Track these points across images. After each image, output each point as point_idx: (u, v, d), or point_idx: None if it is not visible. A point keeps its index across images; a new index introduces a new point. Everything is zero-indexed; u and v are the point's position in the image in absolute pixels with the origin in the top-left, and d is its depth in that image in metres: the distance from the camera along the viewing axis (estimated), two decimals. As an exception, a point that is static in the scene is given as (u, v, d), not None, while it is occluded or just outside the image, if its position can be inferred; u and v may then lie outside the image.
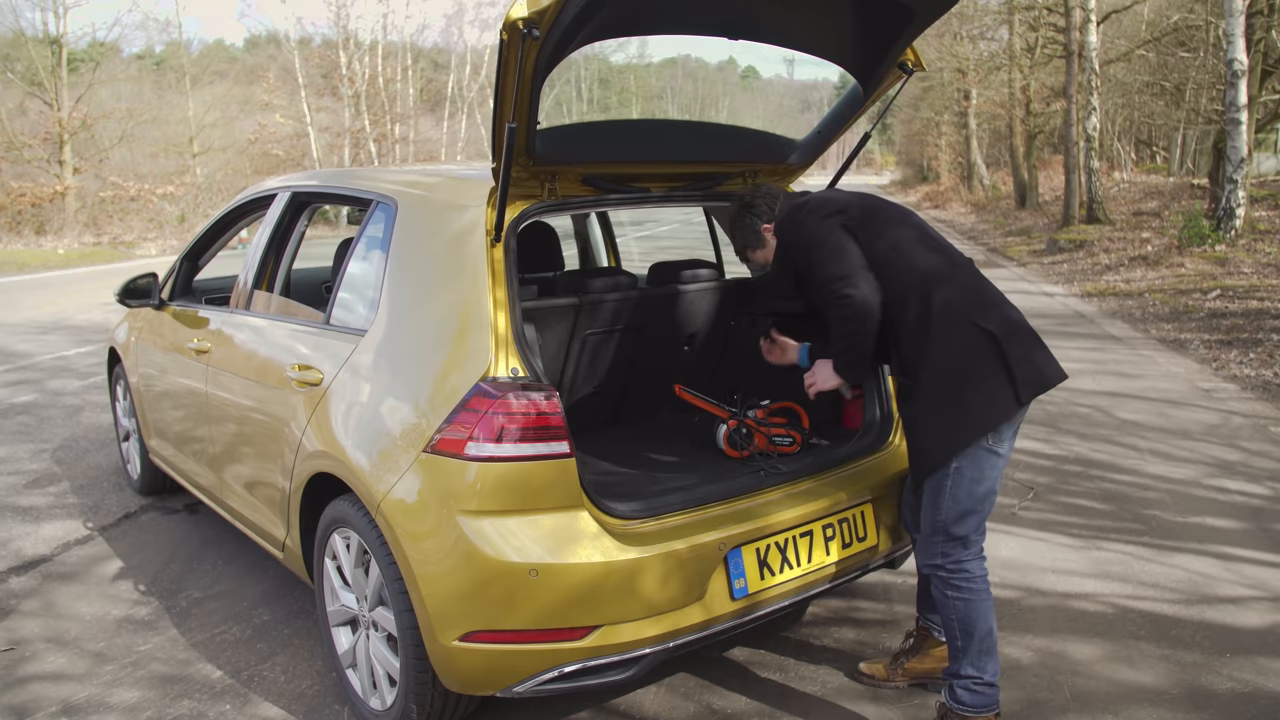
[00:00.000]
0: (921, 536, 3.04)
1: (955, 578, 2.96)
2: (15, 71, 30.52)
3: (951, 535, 2.95)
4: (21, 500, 5.56)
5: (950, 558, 2.97)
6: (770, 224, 3.22)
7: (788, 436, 3.52)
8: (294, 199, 4.13)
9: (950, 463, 2.88)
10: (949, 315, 2.86)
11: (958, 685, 3.00)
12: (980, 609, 2.96)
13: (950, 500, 2.92)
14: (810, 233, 3.00)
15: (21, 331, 11.70)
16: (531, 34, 2.50)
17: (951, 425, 2.86)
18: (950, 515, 2.93)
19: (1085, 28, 19.47)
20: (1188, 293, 11.52)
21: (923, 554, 3.03)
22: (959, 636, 2.98)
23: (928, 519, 2.99)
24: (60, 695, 3.48)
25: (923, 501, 3.03)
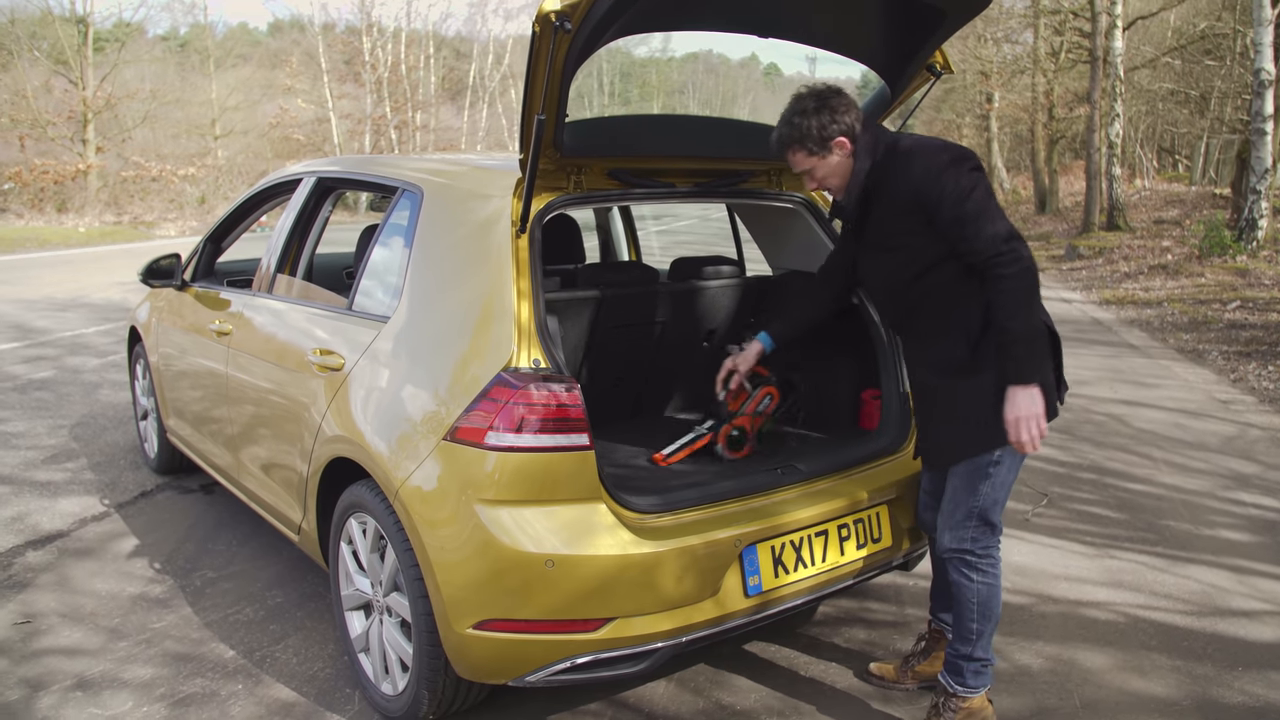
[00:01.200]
0: (953, 521, 3.00)
1: (983, 562, 2.99)
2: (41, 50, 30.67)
3: (986, 521, 2.97)
4: (39, 475, 5.60)
5: (980, 543, 2.98)
6: (845, 138, 2.90)
7: (764, 398, 3.52)
8: (319, 184, 4.15)
9: (996, 450, 2.89)
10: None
11: (968, 668, 3.04)
12: (998, 594, 3.02)
13: (989, 487, 2.93)
14: (971, 181, 2.77)
15: (41, 308, 11.78)
16: (564, 27, 2.51)
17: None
18: (988, 501, 2.95)
19: (1111, 33, 19.38)
20: (1207, 303, 11.47)
21: (952, 539, 3.00)
22: (976, 620, 3.00)
23: (961, 504, 2.97)
24: (74, 670, 3.51)
25: (952, 486, 3.00)
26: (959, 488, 2.98)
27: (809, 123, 2.88)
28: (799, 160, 2.96)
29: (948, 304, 2.90)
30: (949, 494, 3.02)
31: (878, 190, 2.92)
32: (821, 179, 2.98)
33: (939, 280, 2.89)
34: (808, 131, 2.88)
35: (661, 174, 3.42)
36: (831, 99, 2.89)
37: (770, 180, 3.73)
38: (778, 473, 3.21)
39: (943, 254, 2.85)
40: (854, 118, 2.90)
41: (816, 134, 2.88)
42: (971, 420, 2.90)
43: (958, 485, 2.98)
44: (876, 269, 3.06)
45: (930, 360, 2.98)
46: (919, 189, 2.81)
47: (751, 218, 4.25)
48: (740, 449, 3.49)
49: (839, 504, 3.17)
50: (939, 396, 2.99)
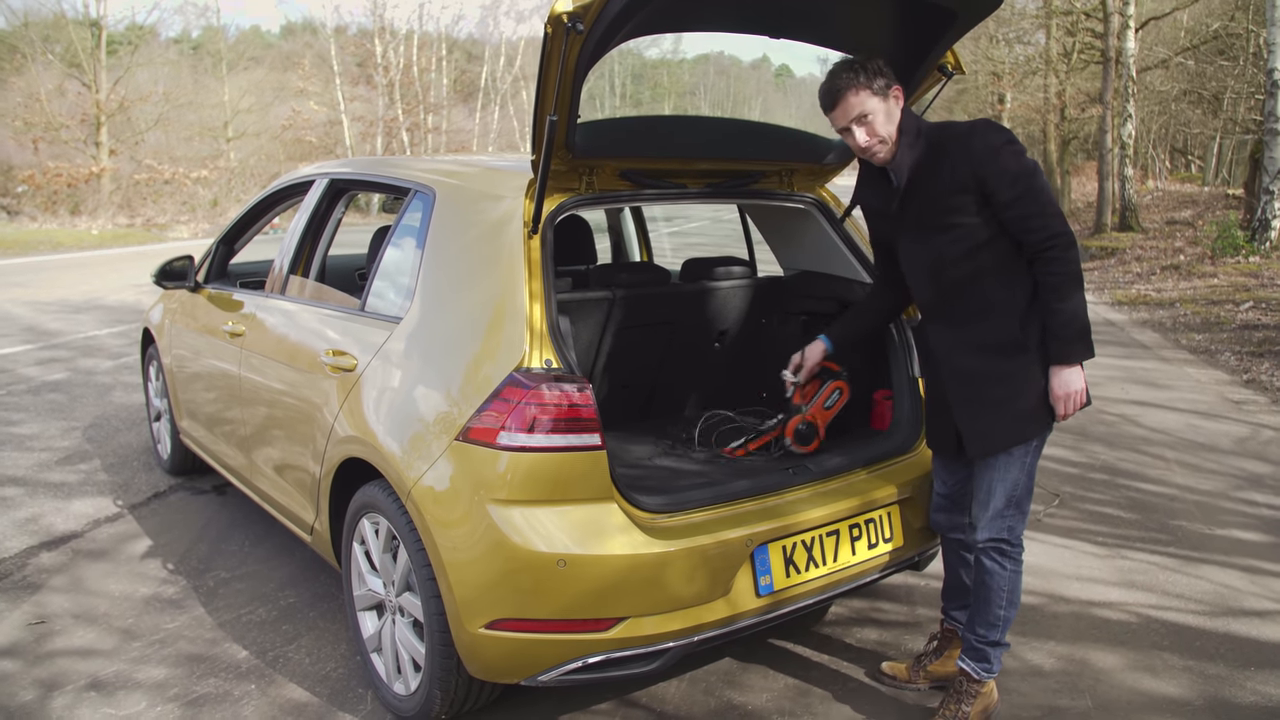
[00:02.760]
0: (992, 513, 2.99)
1: (1015, 550, 3.02)
2: (55, 53, 30.82)
3: (1021, 509, 3.00)
4: (52, 476, 5.63)
5: (1015, 531, 3.00)
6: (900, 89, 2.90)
7: (834, 392, 3.49)
8: (331, 186, 4.17)
9: (1035, 438, 2.93)
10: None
11: (994, 653, 3.08)
12: (1021, 579, 3.07)
13: (1025, 475, 2.96)
14: (1030, 164, 2.81)
15: (54, 310, 11.84)
16: (576, 28, 2.52)
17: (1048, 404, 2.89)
18: (1023, 489, 2.97)
19: (1123, 34, 19.32)
20: (1220, 303, 11.42)
21: (990, 530, 3.00)
22: (1004, 607, 3.03)
23: (1001, 494, 2.96)
24: (88, 670, 3.53)
25: (989, 478, 2.98)
26: (999, 479, 2.97)
27: (871, 64, 2.86)
28: (860, 100, 2.84)
29: (997, 284, 2.89)
30: (985, 486, 3.00)
31: (927, 169, 2.89)
32: (876, 128, 2.87)
33: (989, 260, 2.88)
34: (872, 71, 2.85)
35: (673, 175, 3.43)
36: (878, 61, 2.89)
37: (781, 181, 3.73)
38: (789, 472, 3.21)
39: (994, 232, 2.85)
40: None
41: (882, 76, 2.86)
42: (1015, 407, 2.90)
43: (996, 476, 2.97)
44: (922, 250, 3.00)
45: (974, 341, 2.93)
46: (979, 166, 2.79)
47: (763, 218, 4.25)
48: (809, 443, 3.46)
49: (851, 504, 3.17)
50: (982, 380, 2.94)
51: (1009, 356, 2.89)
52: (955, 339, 2.98)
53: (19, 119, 29.53)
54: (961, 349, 2.97)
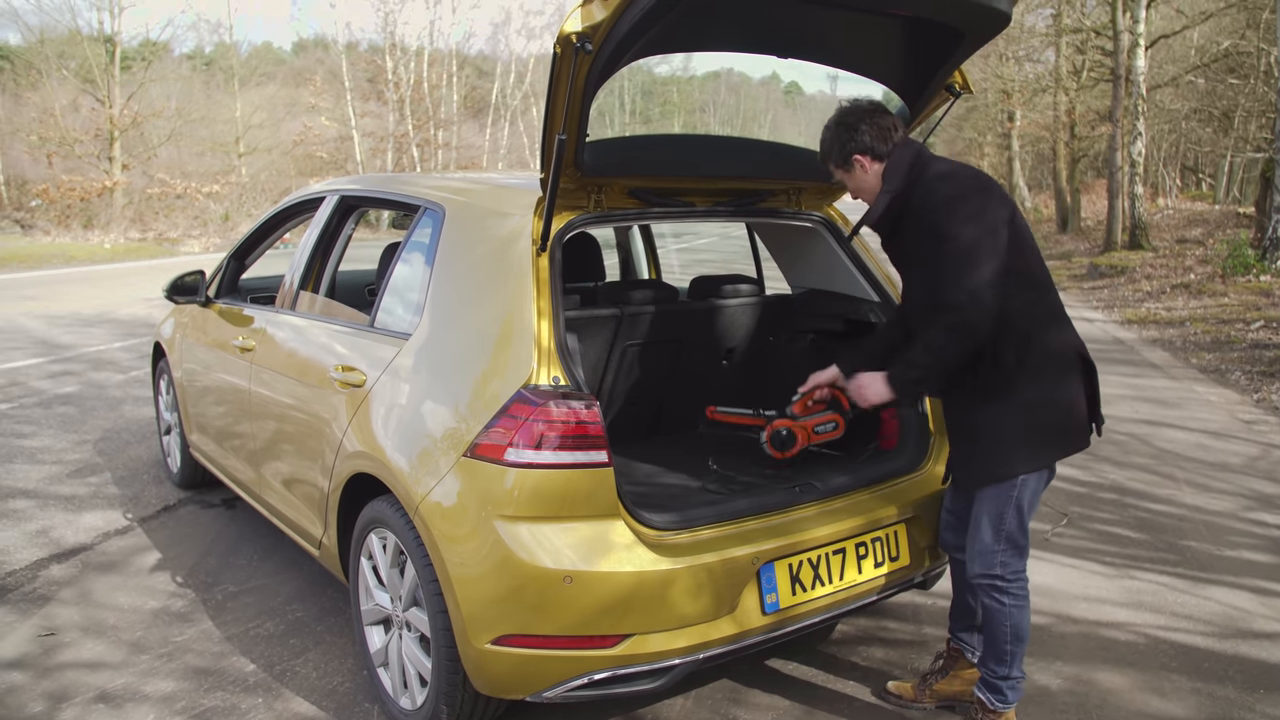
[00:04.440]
0: (981, 548, 3.01)
1: (1014, 586, 3.01)
2: (70, 69, 31.05)
3: (1014, 544, 2.99)
4: (63, 489, 5.66)
5: (1009, 567, 3.00)
6: (867, 156, 2.99)
7: (830, 422, 3.46)
8: (342, 202, 4.20)
9: (1019, 475, 2.92)
10: (1059, 338, 2.94)
11: (1005, 685, 3.07)
12: (1028, 613, 3.06)
13: (1015, 511, 2.96)
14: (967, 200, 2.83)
15: (66, 323, 11.91)
16: (584, 48, 2.54)
17: (1040, 441, 2.93)
18: (1014, 525, 2.97)
19: (1133, 52, 19.34)
20: (1230, 323, 11.39)
21: (980, 565, 3.01)
22: (1010, 642, 3.03)
23: (989, 529, 2.99)
24: (96, 683, 3.54)
25: (977, 510, 3.02)
26: (985, 512, 3.00)
27: (829, 137, 3.04)
28: (835, 174, 3.11)
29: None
30: (975, 518, 3.04)
31: (910, 207, 2.96)
32: (854, 191, 3.14)
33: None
34: (829, 147, 3.06)
35: (681, 193, 3.45)
36: (850, 117, 2.99)
37: (789, 199, 3.74)
38: (796, 490, 3.21)
39: None
40: (875, 137, 2.97)
41: (837, 151, 3.02)
42: (995, 442, 2.93)
43: (984, 509, 3.00)
44: (911, 285, 3.11)
45: (959, 383, 2.98)
46: (933, 214, 2.86)
47: (771, 236, 4.26)
48: (782, 450, 3.45)
49: (857, 522, 3.17)
50: (957, 418, 3.06)
51: (981, 399, 2.95)
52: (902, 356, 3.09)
53: (34, 134, 29.80)
54: (950, 384, 3.04)
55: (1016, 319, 2.86)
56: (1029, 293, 2.90)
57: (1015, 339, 2.87)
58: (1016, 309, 2.86)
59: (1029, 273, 2.92)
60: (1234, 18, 23.27)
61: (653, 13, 2.55)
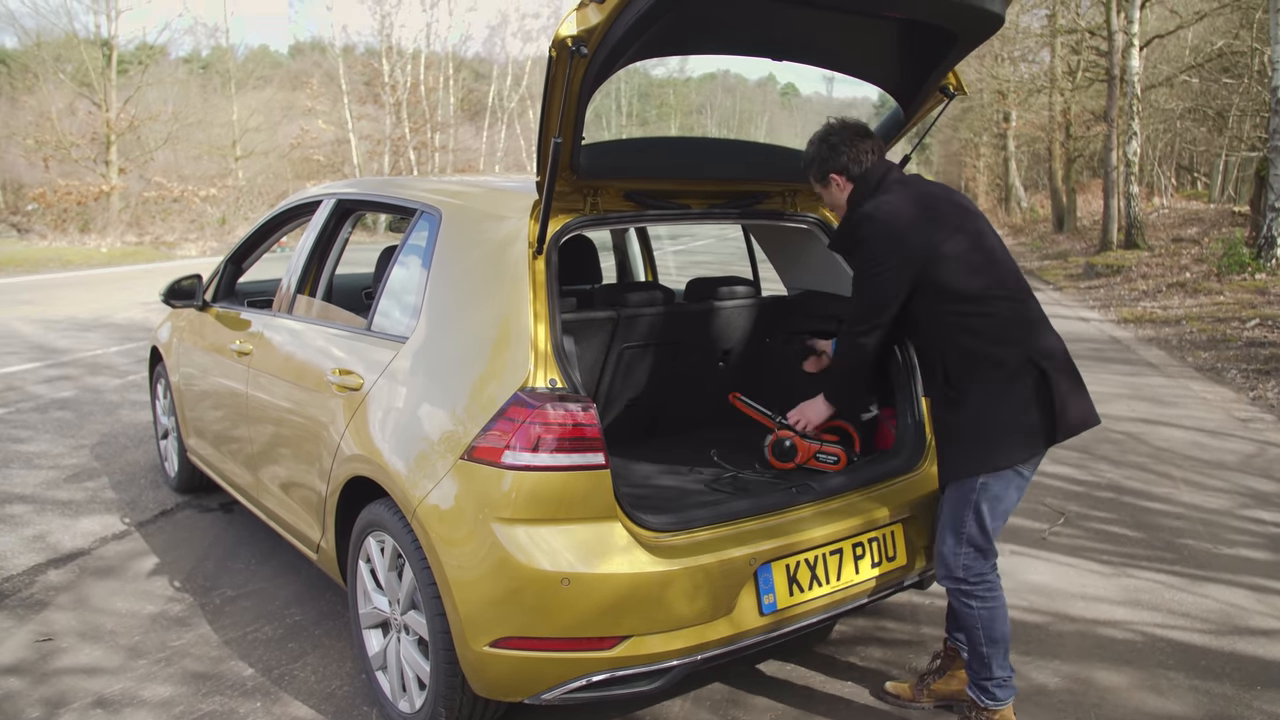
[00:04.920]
0: (944, 550, 3.08)
1: (978, 588, 3.05)
2: (66, 72, 31.02)
3: (976, 547, 3.03)
4: (60, 494, 5.65)
5: (972, 570, 3.05)
6: (842, 176, 3.16)
7: (833, 455, 3.50)
8: (339, 206, 4.20)
9: (979, 477, 2.99)
10: (1005, 340, 2.97)
11: (992, 685, 3.09)
12: (1001, 614, 3.08)
13: (974, 514, 3.01)
14: (874, 252, 3.03)
15: (63, 328, 11.90)
16: (580, 51, 2.55)
17: (989, 446, 2.97)
18: (974, 528, 3.02)
19: (1128, 52, 19.35)
20: (1226, 321, 11.41)
21: (944, 569, 3.09)
22: (985, 644, 3.06)
23: (950, 532, 3.06)
24: (94, 688, 3.54)
25: (940, 516, 3.12)
26: (947, 515, 3.09)
27: (812, 152, 3.20)
28: (814, 186, 3.27)
29: (921, 343, 3.18)
30: (940, 519, 3.13)
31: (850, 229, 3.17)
32: (830, 206, 3.30)
33: (906, 321, 3.08)
34: (810, 161, 3.22)
35: (677, 195, 3.45)
36: (834, 136, 3.15)
37: (785, 201, 3.75)
38: (792, 491, 3.22)
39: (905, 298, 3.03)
40: (851, 159, 3.12)
41: (817, 166, 3.19)
42: (952, 444, 3.06)
43: (945, 512, 3.09)
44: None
45: (929, 392, 3.20)
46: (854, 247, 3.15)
47: (767, 238, 4.27)
48: (781, 460, 3.50)
49: (854, 522, 3.18)
50: (936, 429, 3.20)
51: (941, 408, 3.11)
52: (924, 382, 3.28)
53: (30, 137, 29.76)
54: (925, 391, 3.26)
55: (962, 335, 2.98)
56: (966, 305, 2.98)
57: (962, 354, 2.99)
58: (955, 324, 2.99)
59: (967, 287, 2.99)
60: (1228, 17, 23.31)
61: (648, 16, 2.56)
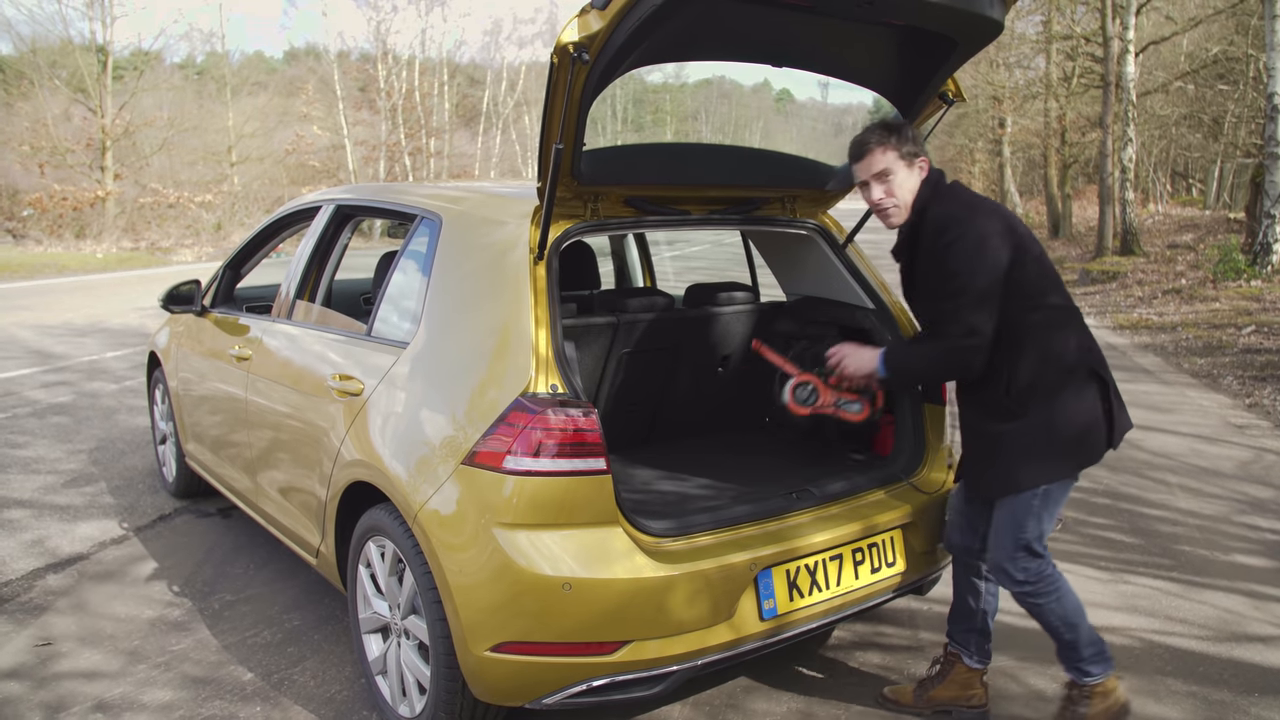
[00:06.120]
0: (1002, 555, 3.06)
1: (1042, 586, 3.05)
2: (61, 78, 30.99)
3: (1032, 552, 3.03)
4: (58, 499, 5.65)
5: (1030, 572, 3.04)
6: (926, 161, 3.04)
7: (857, 403, 3.30)
8: (338, 212, 4.21)
9: (1040, 486, 2.97)
10: (1071, 355, 2.97)
11: (1084, 664, 3.10)
12: (1070, 600, 3.08)
13: (1035, 521, 3.00)
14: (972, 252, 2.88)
15: (59, 333, 11.88)
16: (581, 58, 2.56)
17: (1056, 455, 2.97)
18: (1034, 534, 3.01)
19: (1123, 58, 19.42)
20: (1222, 327, 11.43)
21: (1005, 575, 3.07)
22: (1066, 631, 3.08)
23: (1007, 538, 3.04)
24: (93, 693, 3.54)
25: (998, 519, 3.08)
26: (1006, 521, 3.05)
27: (905, 130, 3.03)
28: (887, 158, 2.99)
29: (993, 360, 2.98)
30: (995, 526, 3.09)
31: (918, 236, 3.03)
32: (894, 189, 3.01)
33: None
34: (904, 136, 3.02)
35: (677, 201, 3.46)
36: (909, 129, 3.06)
37: (784, 207, 3.76)
38: (792, 496, 3.23)
39: None
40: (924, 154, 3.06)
41: (912, 143, 3.02)
42: (1014, 458, 2.99)
43: (1004, 518, 3.06)
44: (925, 311, 3.18)
45: (970, 397, 3.09)
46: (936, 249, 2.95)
47: (765, 244, 4.29)
48: (801, 405, 3.30)
49: (853, 528, 3.18)
50: (973, 433, 3.10)
51: (996, 419, 3.02)
52: (962, 393, 3.14)
53: (25, 143, 29.70)
54: (963, 399, 3.13)
55: (1028, 342, 2.93)
56: (1040, 314, 2.95)
57: (1028, 362, 2.94)
58: (1028, 332, 2.93)
59: (1041, 295, 2.97)
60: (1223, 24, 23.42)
61: (649, 23, 2.57)
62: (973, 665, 3.35)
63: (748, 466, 3.78)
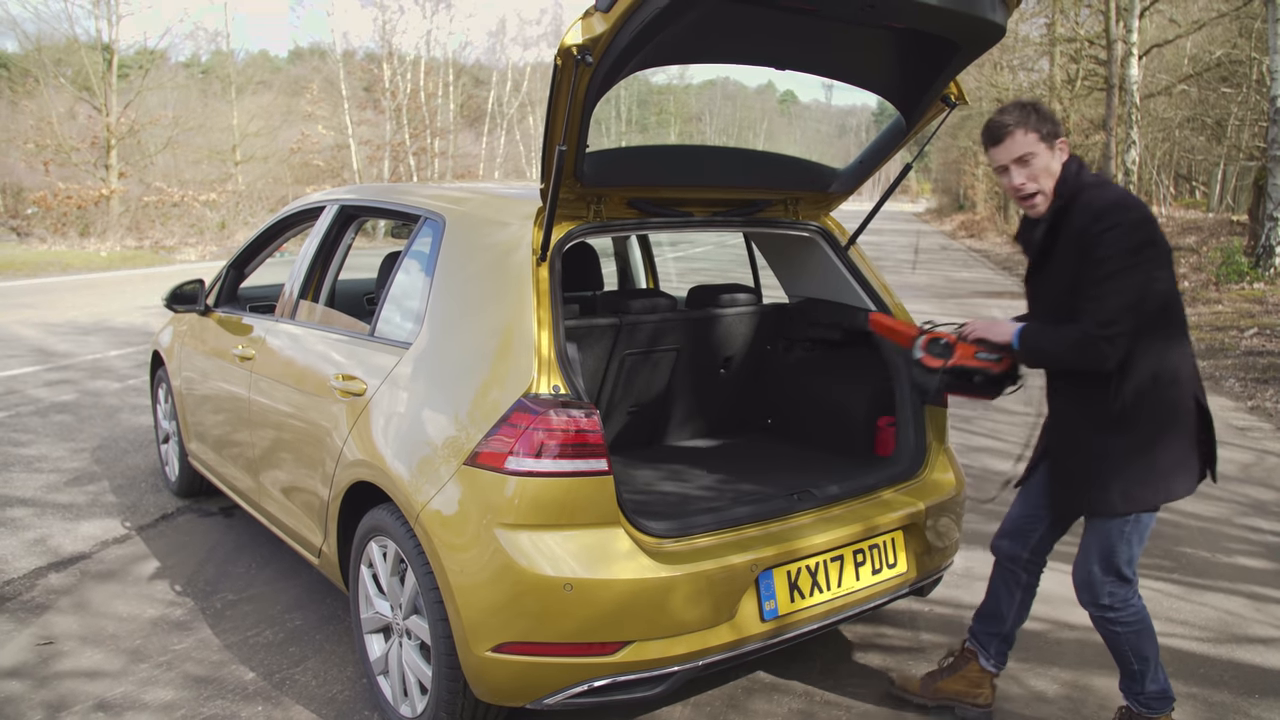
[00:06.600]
0: (1089, 578, 3.03)
1: (1124, 614, 3.02)
2: (66, 77, 31.03)
3: (1122, 577, 2.99)
4: (60, 498, 5.66)
5: (1117, 597, 3.01)
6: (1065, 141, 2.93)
7: (995, 354, 3.15)
8: (342, 212, 4.21)
9: (1133, 513, 2.92)
10: (1183, 378, 2.89)
11: (1144, 699, 3.10)
12: (1147, 635, 3.05)
13: (1126, 545, 2.95)
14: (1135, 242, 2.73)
15: (62, 331, 11.89)
16: (585, 60, 2.57)
17: (1154, 480, 2.89)
18: (1124, 558, 2.97)
19: (1127, 61, 19.42)
20: (1224, 330, 11.43)
21: (1088, 595, 3.05)
22: (1135, 663, 3.06)
23: (1098, 561, 3.00)
24: (95, 692, 3.55)
25: (1086, 542, 3.04)
26: (1096, 544, 3.01)
27: (1044, 109, 2.92)
28: (1026, 141, 2.87)
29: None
30: (1084, 547, 3.06)
31: (1063, 222, 2.90)
32: (1035, 173, 2.89)
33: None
34: (1043, 118, 2.89)
35: (680, 203, 3.47)
36: (1049, 109, 2.95)
37: (787, 209, 3.77)
38: (794, 498, 3.24)
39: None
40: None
41: (1051, 124, 2.90)
42: (1113, 478, 2.90)
43: (1094, 540, 3.02)
44: (1048, 300, 3.01)
45: (1081, 405, 2.95)
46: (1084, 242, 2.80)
47: (768, 246, 4.29)
48: (937, 358, 3.18)
49: (855, 529, 3.19)
50: (1079, 452, 2.97)
51: (1097, 430, 2.91)
52: (1066, 392, 3.01)
53: (30, 141, 29.74)
54: (1062, 403, 3.02)
55: (1147, 355, 2.81)
56: (1163, 329, 2.84)
57: (1141, 376, 2.82)
58: (1150, 345, 2.81)
59: (1168, 309, 2.85)
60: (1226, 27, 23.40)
61: (653, 26, 2.57)
62: (987, 668, 3.34)
63: (749, 468, 3.79)
